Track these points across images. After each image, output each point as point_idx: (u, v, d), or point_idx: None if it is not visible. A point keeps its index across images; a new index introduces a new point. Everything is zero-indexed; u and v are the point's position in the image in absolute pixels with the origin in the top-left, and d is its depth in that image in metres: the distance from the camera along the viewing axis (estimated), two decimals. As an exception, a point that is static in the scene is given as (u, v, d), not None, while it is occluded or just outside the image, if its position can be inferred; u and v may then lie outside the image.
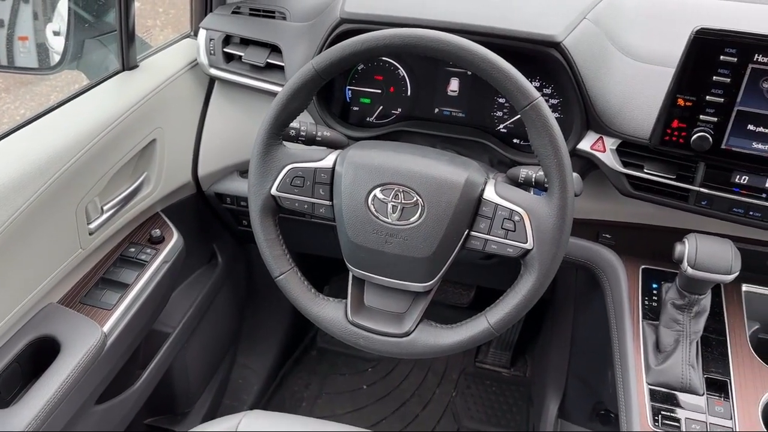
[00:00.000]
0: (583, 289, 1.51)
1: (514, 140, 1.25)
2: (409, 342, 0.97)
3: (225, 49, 1.36)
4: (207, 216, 1.60)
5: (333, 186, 0.97)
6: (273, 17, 1.35)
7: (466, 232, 0.94)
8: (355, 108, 1.31)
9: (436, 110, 1.27)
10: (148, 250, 1.31)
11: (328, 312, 1.00)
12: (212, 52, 1.37)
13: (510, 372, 2.05)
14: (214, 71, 1.38)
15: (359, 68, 1.28)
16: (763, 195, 1.04)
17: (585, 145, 1.14)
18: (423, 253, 0.93)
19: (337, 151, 0.99)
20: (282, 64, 1.29)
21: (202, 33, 1.38)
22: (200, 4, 1.42)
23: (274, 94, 0.97)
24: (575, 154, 1.16)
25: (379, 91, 1.28)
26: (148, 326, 1.31)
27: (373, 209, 0.93)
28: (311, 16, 1.29)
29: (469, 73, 1.22)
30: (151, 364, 1.41)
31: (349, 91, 1.30)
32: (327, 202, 0.98)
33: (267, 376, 1.96)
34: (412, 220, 0.92)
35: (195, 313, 1.58)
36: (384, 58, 1.26)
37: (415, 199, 0.92)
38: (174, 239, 1.36)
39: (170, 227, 1.39)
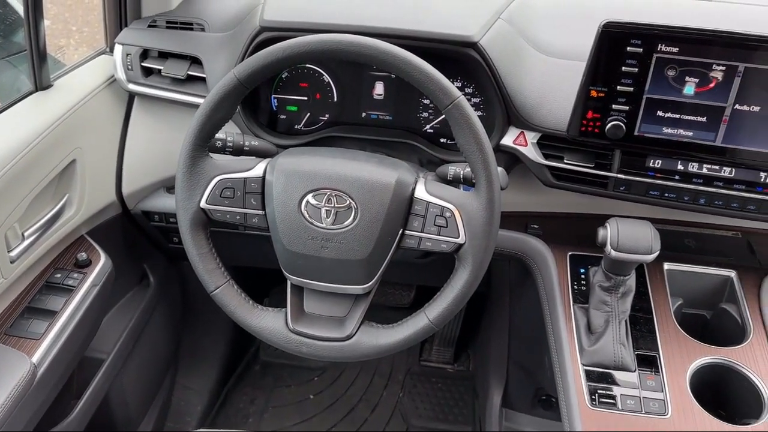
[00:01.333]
0: (517, 280, 1.56)
1: (441, 139, 1.28)
2: (352, 345, 0.98)
3: (143, 64, 1.33)
4: (135, 236, 1.55)
5: (264, 195, 0.96)
6: (191, 29, 1.33)
7: (400, 232, 0.95)
8: (282, 116, 1.31)
9: (364, 114, 1.28)
10: (75, 275, 1.26)
11: (268, 322, 0.99)
12: (130, 67, 1.33)
13: (454, 367, 2.09)
14: (132, 87, 1.34)
15: (284, 76, 1.28)
16: (676, 177, 1.11)
17: (508, 140, 1.18)
18: (360, 255, 0.94)
19: (267, 160, 0.98)
20: (203, 75, 1.27)
21: (118, 48, 1.34)
22: (114, 19, 1.38)
23: (197, 106, 0.95)
24: (499, 149, 1.19)
25: (306, 98, 1.28)
26: (80, 353, 1.26)
27: (306, 215, 0.93)
28: (230, 26, 1.28)
29: (393, 76, 1.24)
30: (86, 393, 1.35)
31: (275, 100, 1.30)
32: (259, 212, 0.97)
33: (210, 395, 1.91)
34: (346, 223, 0.93)
35: (129, 337, 1.53)
36: (308, 65, 1.26)
37: (348, 202, 0.93)
38: (101, 262, 1.31)
39: (97, 250, 1.34)
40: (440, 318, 0.95)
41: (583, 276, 1.19)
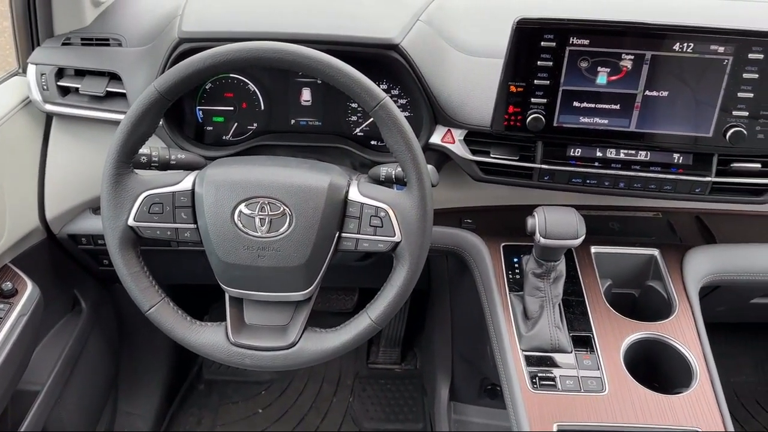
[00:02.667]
0: (455, 275, 1.59)
1: (372, 142, 1.29)
2: (296, 352, 0.97)
3: (59, 83, 1.28)
4: (63, 261, 1.49)
5: (195, 208, 0.95)
6: (108, 45, 1.29)
7: (337, 235, 0.96)
8: (209, 128, 1.29)
9: (293, 121, 1.28)
10: (1, 306, 1.20)
11: (208, 337, 0.98)
12: (45, 87, 1.28)
13: (402, 367, 2.11)
14: (49, 107, 1.29)
15: (207, 87, 1.26)
16: (596, 163, 1.16)
17: (436, 138, 1.21)
18: (298, 261, 0.94)
19: (195, 172, 0.97)
20: (123, 91, 1.24)
21: (31, 68, 1.29)
22: (25, 38, 1.33)
23: (118, 123, 0.93)
24: (429, 148, 1.22)
25: (232, 108, 1.27)
26: (12, 387, 1.20)
27: (240, 225, 0.93)
28: (149, 39, 1.26)
29: (320, 81, 1.25)
30: (21, 427, 1.29)
31: (200, 112, 1.28)
32: (191, 226, 0.96)
33: (155, 419, 1.86)
34: (281, 230, 0.93)
35: (64, 366, 1.46)
36: (232, 75, 1.25)
37: (281, 209, 0.92)
38: (28, 290, 1.26)
39: (23, 278, 1.28)
40: (382, 316, 0.96)
41: (516, 265, 1.23)
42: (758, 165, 1.14)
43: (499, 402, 1.62)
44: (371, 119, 1.23)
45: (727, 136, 1.07)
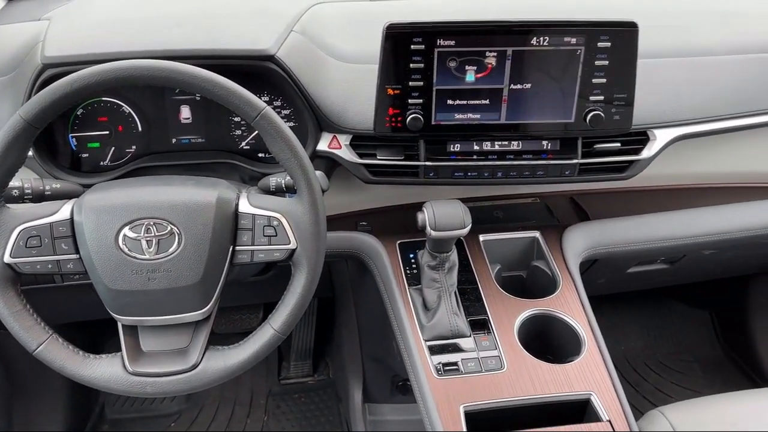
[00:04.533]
0: (357, 278, 1.61)
1: (259, 154, 1.29)
2: (199, 373, 0.96)
3: None
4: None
5: (76, 237, 0.91)
6: (-38, 76, 1.21)
7: (231, 249, 0.95)
8: (85, 155, 1.24)
9: (174, 140, 1.26)
10: None
11: (104, 370, 0.94)
12: None
13: (315, 378, 2.10)
14: None
15: (79, 113, 1.21)
16: (474, 157, 1.22)
17: (323, 145, 1.23)
18: (191, 279, 0.92)
19: (72, 201, 0.93)
20: (-14, 123, 1.16)
21: None
22: None
23: (-16, 157, 0.87)
24: (317, 155, 1.24)
25: (107, 132, 1.23)
26: None
27: (126, 250, 0.90)
28: (9, 68, 1.19)
29: (199, 98, 1.23)
30: None
31: (74, 139, 1.22)
32: (73, 256, 0.92)
33: (57, 470, 1.74)
34: (171, 250, 0.91)
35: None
36: (104, 98, 1.21)
37: (169, 228, 0.91)
38: None
39: None
40: (285, 325, 0.97)
41: (413, 260, 1.27)
42: (618, 144, 1.25)
43: (411, 396, 1.65)
44: (256, 132, 1.23)
45: (588, 120, 1.17)
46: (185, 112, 1.24)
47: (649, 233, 1.39)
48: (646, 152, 1.26)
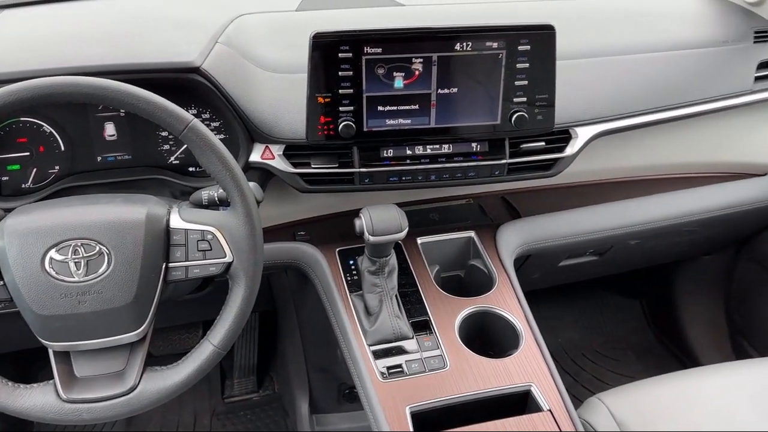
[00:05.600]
0: (298, 288, 1.61)
1: (190, 168, 1.27)
2: (138, 395, 0.93)
3: None
4: None
5: None
6: None
7: (164, 266, 0.93)
8: (5, 178, 1.18)
9: (99, 158, 1.22)
10: None
11: (35, 399, 0.90)
12: None
13: (260, 394, 2.07)
14: None
15: (-5, 135, 1.16)
16: (407, 161, 1.24)
17: (255, 156, 1.22)
18: (124, 300, 0.89)
19: None
20: None
21: None
22: None
23: None
24: (250, 167, 1.23)
25: (27, 153, 1.18)
26: None
27: (53, 273, 0.86)
28: None
29: (123, 113, 1.20)
30: None
31: (-9, 162, 1.17)
32: None
33: None
34: (101, 271, 0.88)
35: None
36: (22, 118, 1.16)
37: (97, 249, 0.88)
38: None
39: None
40: (225, 341, 0.95)
41: (353, 266, 1.28)
42: (542, 143, 1.29)
43: (359, 403, 1.65)
44: (185, 146, 1.21)
45: (513, 121, 1.21)
46: (110, 129, 1.20)
47: (577, 227, 1.45)
48: (570, 149, 1.31)
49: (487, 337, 1.24)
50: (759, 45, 1.54)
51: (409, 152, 1.24)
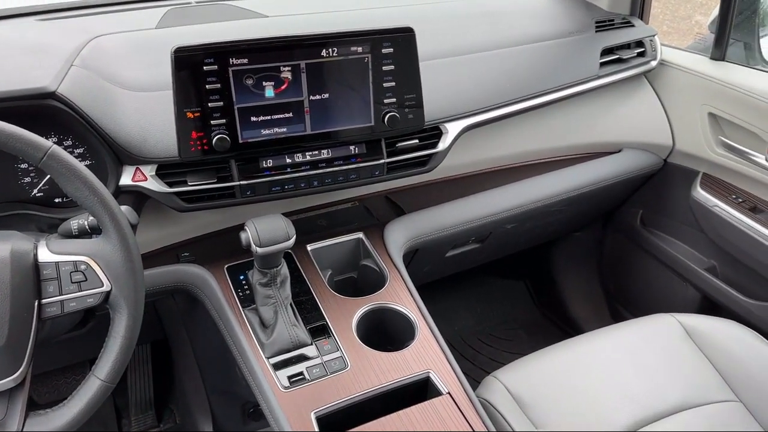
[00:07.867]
0: (187, 312, 1.56)
1: (56, 200, 1.20)
2: (22, 445, 0.86)
3: None
4: None
5: None
6: None
7: (36, 303, 0.87)
8: None
9: (-50, 199, 1.12)
10: None
11: None
12: None
13: (161, 428, 1.97)
14: None
15: None
16: (288, 169, 1.24)
17: (126, 179, 1.17)
18: (-5, 344, 0.83)
19: None
20: None
21: None
22: None
23: None
24: (122, 191, 1.18)
25: None
26: None
27: None
28: None
29: (-28, 148, 1.11)
30: None
31: None
32: None
33: None
34: (-36, 316, 0.81)
35: None
36: None
37: (-41, 293, 0.81)
38: None
39: None
40: (112, 373, 0.91)
41: (244, 281, 1.26)
42: (416, 141, 1.34)
43: (265, 420, 1.63)
44: (48, 176, 1.14)
45: (386, 122, 1.24)
46: (-40, 165, 1.11)
47: (457, 217, 1.52)
48: (442, 145, 1.37)
49: (385, 332, 1.27)
50: (600, 33, 1.70)
51: (288, 160, 1.24)
